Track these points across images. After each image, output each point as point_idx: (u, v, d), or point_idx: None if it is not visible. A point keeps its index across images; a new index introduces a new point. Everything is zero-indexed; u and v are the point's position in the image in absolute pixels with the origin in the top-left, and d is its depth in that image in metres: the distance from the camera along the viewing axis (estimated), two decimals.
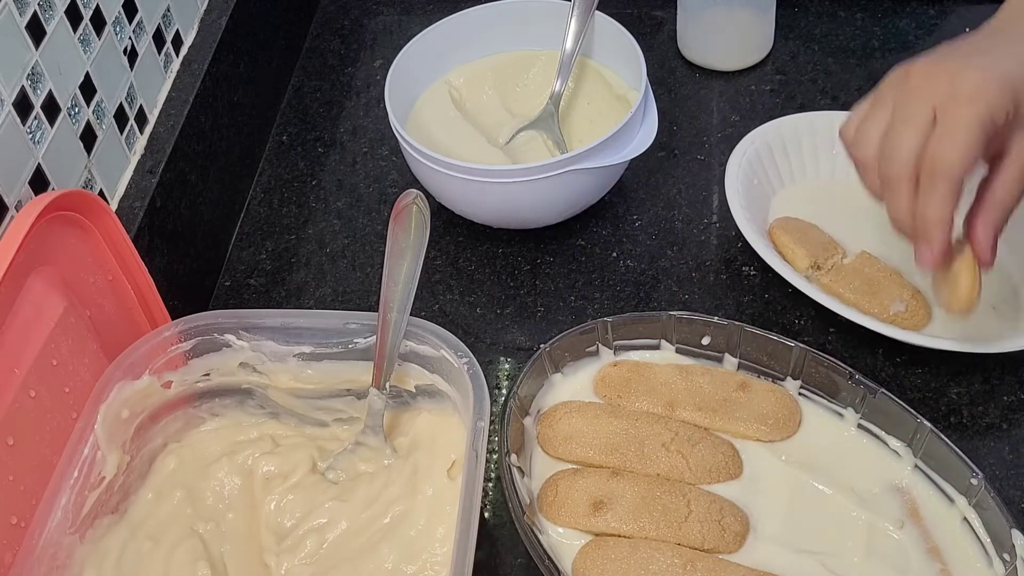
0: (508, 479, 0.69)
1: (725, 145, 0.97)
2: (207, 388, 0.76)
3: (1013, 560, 0.65)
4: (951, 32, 1.06)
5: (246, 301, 0.90)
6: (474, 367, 0.69)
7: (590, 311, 0.87)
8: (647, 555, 0.67)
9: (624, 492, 0.70)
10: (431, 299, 0.89)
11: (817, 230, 0.85)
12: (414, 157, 0.87)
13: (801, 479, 0.72)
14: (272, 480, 0.74)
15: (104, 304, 0.73)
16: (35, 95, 0.72)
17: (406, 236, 0.73)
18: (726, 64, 1.04)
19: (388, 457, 0.74)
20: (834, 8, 1.09)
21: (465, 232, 0.93)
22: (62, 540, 0.67)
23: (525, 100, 0.98)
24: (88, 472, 0.69)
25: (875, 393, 0.72)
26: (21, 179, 0.70)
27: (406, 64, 0.93)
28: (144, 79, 0.86)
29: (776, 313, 0.85)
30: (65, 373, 0.68)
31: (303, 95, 1.08)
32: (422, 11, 1.14)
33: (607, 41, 0.95)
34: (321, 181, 0.99)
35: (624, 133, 0.85)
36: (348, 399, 0.76)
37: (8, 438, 0.64)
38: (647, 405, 0.76)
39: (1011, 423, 0.77)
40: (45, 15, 0.73)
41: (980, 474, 0.68)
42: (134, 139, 0.85)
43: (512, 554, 0.73)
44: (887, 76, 0.69)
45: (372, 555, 0.70)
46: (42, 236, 0.65)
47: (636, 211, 0.94)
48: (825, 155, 0.90)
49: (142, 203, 0.81)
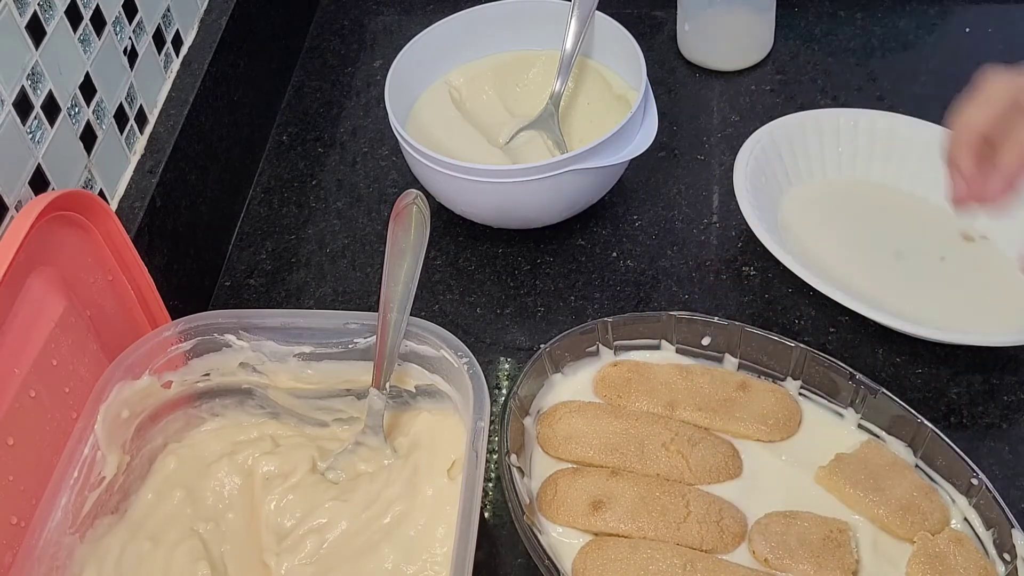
0: (508, 479, 0.69)
1: (725, 145, 0.97)
2: (207, 388, 0.76)
3: (1013, 560, 0.65)
4: (951, 32, 1.06)
5: (246, 301, 0.90)
6: (474, 367, 0.69)
7: (590, 311, 0.87)
8: (647, 555, 0.67)
9: (623, 492, 0.70)
10: (431, 299, 0.89)
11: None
12: (414, 157, 0.87)
13: (801, 479, 0.72)
14: (272, 480, 0.74)
15: (104, 304, 0.73)
16: (35, 95, 0.72)
17: (406, 236, 0.73)
18: (726, 64, 1.04)
19: (388, 457, 0.74)
20: (834, 8, 1.09)
21: (465, 232, 0.93)
22: (62, 540, 0.67)
23: (525, 100, 0.98)
24: (88, 472, 0.69)
25: (875, 393, 0.72)
26: (21, 179, 0.70)
27: (406, 64, 0.93)
28: (144, 79, 0.86)
29: (776, 313, 0.85)
30: (65, 373, 0.68)
31: (303, 95, 1.08)
32: (422, 11, 1.14)
33: (607, 41, 0.95)
34: (321, 181, 0.99)
35: (624, 133, 0.85)
36: (348, 399, 0.76)
37: (8, 438, 0.64)
38: (647, 405, 0.76)
39: (1011, 423, 0.77)
40: (45, 15, 0.73)
41: (980, 474, 0.68)
42: (134, 139, 0.85)
43: (512, 554, 0.73)
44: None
45: (372, 555, 0.70)
46: (42, 236, 0.65)
47: (636, 211, 0.94)
48: (831, 153, 0.90)
49: (142, 203, 0.81)
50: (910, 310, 0.80)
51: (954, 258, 0.85)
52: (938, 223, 0.87)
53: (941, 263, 0.84)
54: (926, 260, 0.85)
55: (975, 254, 0.85)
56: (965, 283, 0.83)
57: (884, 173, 0.90)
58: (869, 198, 0.90)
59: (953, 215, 0.86)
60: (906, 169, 0.89)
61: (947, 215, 0.86)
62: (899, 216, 0.88)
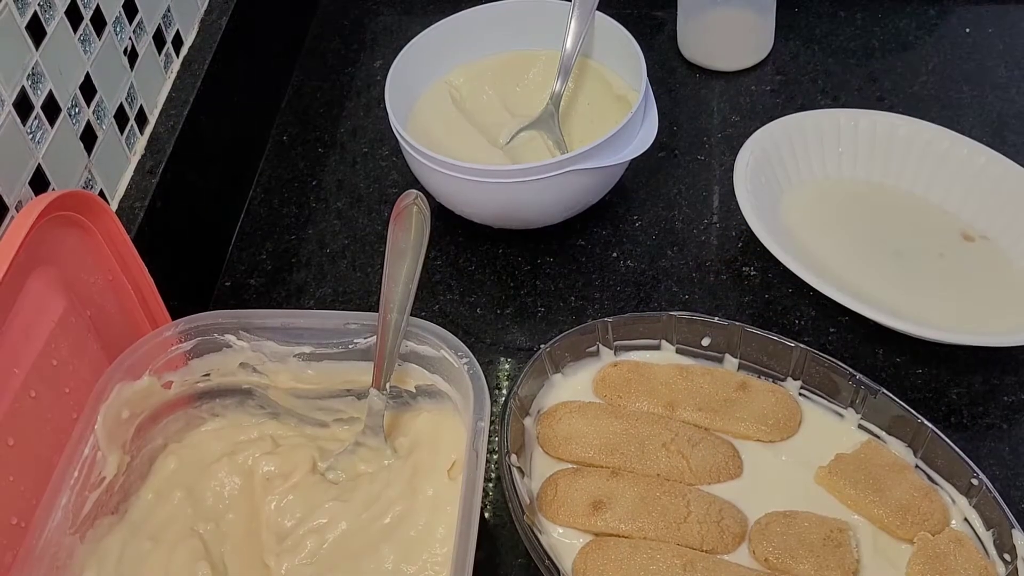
0: (508, 479, 0.69)
1: (725, 145, 0.97)
2: (207, 388, 0.76)
3: (1014, 560, 0.65)
4: (951, 32, 1.06)
5: (246, 301, 0.90)
6: (474, 367, 0.69)
7: (590, 311, 0.87)
8: (647, 555, 0.67)
9: (623, 492, 0.70)
10: (431, 299, 0.89)
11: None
12: (414, 157, 0.87)
13: (801, 479, 0.72)
14: (272, 480, 0.74)
15: (104, 304, 0.72)
16: (35, 95, 0.72)
17: (406, 236, 0.73)
18: (726, 64, 1.04)
19: (388, 457, 0.74)
20: (834, 8, 1.09)
21: (465, 232, 0.93)
22: (62, 540, 0.67)
23: (525, 100, 0.98)
24: (88, 472, 0.69)
25: (875, 393, 0.72)
26: (21, 179, 0.70)
27: (406, 64, 0.93)
28: (144, 79, 0.86)
29: (776, 313, 0.85)
30: (65, 373, 0.68)
31: (303, 95, 1.08)
32: (422, 11, 1.14)
33: (607, 41, 0.95)
34: (321, 181, 0.99)
35: (624, 133, 0.85)
36: (348, 399, 0.76)
37: (8, 438, 0.64)
38: (647, 405, 0.76)
39: (1011, 423, 0.77)
40: (45, 15, 0.73)
41: (980, 474, 0.68)
42: (134, 139, 0.85)
43: (512, 554, 0.73)
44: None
45: (372, 555, 0.70)
46: (42, 236, 0.65)
47: (636, 211, 0.94)
48: (831, 153, 0.90)
49: (142, 203, 0.81)
50: (910, 310, 0.80)
51: (954, 258, 0.85)
52: (938, 223, 0.87)
53: (941, 263, 0.84)
54: (926, 260, 0.85)
55: (975, 254, 0.85)
56: (965, 283, 0.83)
57: (884, 173, 0.90)
58: (869, 198, 0.90)
59: (953, 215, 0.86)
60: (906, 169, 0.89)
61: (947, 215, 0.87)
62: (899, 216, 0.88)
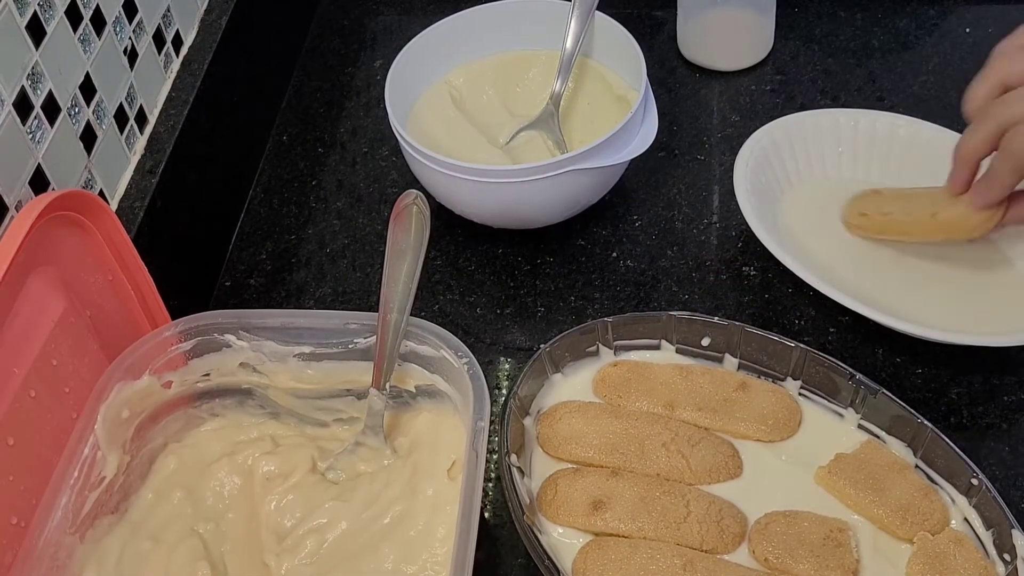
0: (508, 479, 0.69)
1: (725, 145, 0.97)
2: (207, 388, 0.76)
3: (1013, 560, 0.65)
4: (951, 32, 1.06)
5: (246, 301, 0.90)
6: (474, 367, 0.69)
7: (590, 311, 0.87)
8: (647, 555, 0.67)
9: (623, 492, 0.70)
10: (431, 299, 0.89)
11: None
12: (414, 157, 0.87)
13: (801, 479, 0.72)
14: (272, 480, 0.74)
15: (104, 304, 0.72)
16: (35, 95, 0.72)
17: (406, 236, 0.73)
18: (726, 64, 1.04)
19: (388, 457, 0.74)
20: (834, 8, 1.09)
21: (465, 232, 0.93)
22: (62, 540, 0.67)
23: (525, 100, 0.98)
24: (88, 472, 0.69)
25: (875, 393, 0.72)
26: (21, 179, 0.70)
27: (406, 64, 0.93)
28: (144, 79, 0.86)
29: (776, 313, 0.85)
30: (65, 373, 0.68)
31: (303, 95, 1.08)
32: (422, 11, 1.14)
33: (607, 41, 0.95)
34: (321, 181, 0.99)
35: (624, 133, 0.85)
36: (348, 399, 0.76)
37: (8, 438, 0.64)
38: (647, 405, 0.76)
39: (1011, 423, 0.77)
40: (45, 15, 0.73)
41: (980, 474, 0.68)
42: (134, 139, 0.85)
43: (512, 554, 0.73)
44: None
45: (372, 555, 0.70)
46: (42, 236, 0.65)
47: (636, 211, 0.94)
48: (831, 153, 0.90)
49: (142, 203, 0.82)
50: (910, 310, 0.80)
51: (954, 258, 0.85)
52: None
53: (941, 263, 0.84)
54: (926, 260, 0.85)
55: (975, 254, 0.85)
56: (965, 283, 0.83)
57: (884, 173, 0.90)
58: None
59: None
60: (906, 169, 0.89)
61: None
62: None
